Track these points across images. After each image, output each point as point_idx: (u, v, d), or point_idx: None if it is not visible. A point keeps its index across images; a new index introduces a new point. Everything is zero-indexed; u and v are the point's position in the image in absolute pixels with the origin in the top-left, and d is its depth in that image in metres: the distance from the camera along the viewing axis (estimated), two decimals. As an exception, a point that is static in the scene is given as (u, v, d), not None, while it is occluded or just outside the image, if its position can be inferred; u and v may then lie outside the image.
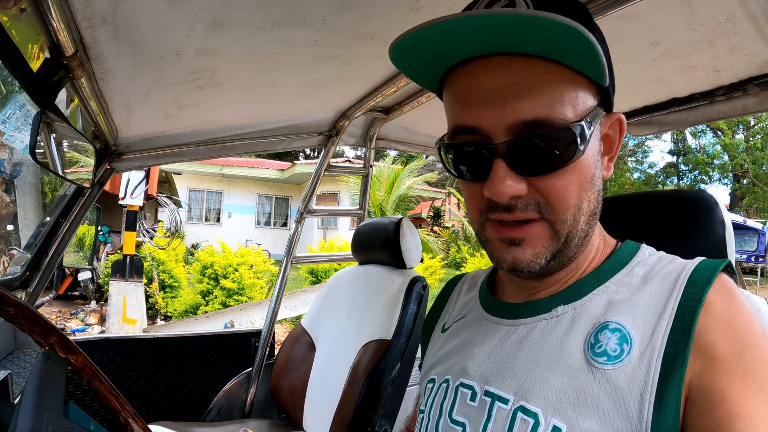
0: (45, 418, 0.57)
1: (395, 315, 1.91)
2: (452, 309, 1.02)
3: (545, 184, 0.68)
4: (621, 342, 0.66)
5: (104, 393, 0.78)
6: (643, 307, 0.68)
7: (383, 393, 1.83)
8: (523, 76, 0.65)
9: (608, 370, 0.64)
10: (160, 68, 1.38)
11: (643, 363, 0.63)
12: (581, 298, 0.74)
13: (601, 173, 0.73)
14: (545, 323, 0.75)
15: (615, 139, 0.76)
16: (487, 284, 0.94)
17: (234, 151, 2.26)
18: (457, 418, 0.77)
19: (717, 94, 1.65)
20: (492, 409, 0.72)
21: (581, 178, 0.69)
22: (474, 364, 0.79)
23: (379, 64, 1.60)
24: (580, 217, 0.70)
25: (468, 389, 0.78)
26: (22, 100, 1.36)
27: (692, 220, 0.90)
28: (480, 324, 0.86)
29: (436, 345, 0.97)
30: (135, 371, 2.37)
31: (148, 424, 1.11)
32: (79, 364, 0.73)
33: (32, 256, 1.92)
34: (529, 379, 0.71)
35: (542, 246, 0.70)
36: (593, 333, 0.69)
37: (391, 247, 2.08)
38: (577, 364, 0.68)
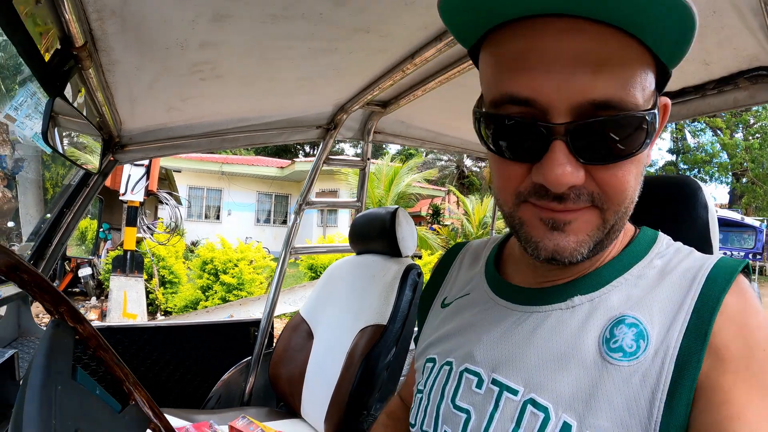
0: (54, 378, 0.61)
1: (391, 301, 1.95)
2: (453, 283, 0.96)
3: (605, 174, 0.60)
4: (637, 338, 0.63)
5: (109, 362, 0.82)
6: (660, 302, 0.65)
7: (379, 377, 1.87)
8: (599, 48, 0.55)
9: (623, 367, 0.62)
10: (164, 60, 1.43)
11: (657, 361, 0.60)
12: (599, 290, 0.70)
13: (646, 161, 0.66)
14: (560, 313, 0.71)
15: (659, 126, 0.65)
16: (494, 261, 0.89)
17: (234, 144, 2.31)
18: (461, 404, 0.74)
19: (708, 88, 1.65)
20: (500, 399, 0.70)
21: (639, 170, 0.63)
22: (481, 350, 0.76)
23: (376, 57, 1.63)
24: (630, 210, 0.65)
25: (474, 376, 0.75)
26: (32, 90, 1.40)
27: (677, 205, 0.91)
28: (487, 306, 0.82)
29: (435, 321, 0.93)
30: (136, 359, 2.42)
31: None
32: (87, 334, 0.77)
33: (36, 246, 1.96)
34: (541, 372, 0.68)
35: (587, 234, 0.63)
36: (609, 327, 0.66)
37: (387, 236, 2.12)
38: (591, 359, 0.65)
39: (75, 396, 0.65)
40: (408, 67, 1.64)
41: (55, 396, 0.59)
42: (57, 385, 0.61)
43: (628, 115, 0.57)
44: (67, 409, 0.61)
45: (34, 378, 0.59)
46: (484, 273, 0.88)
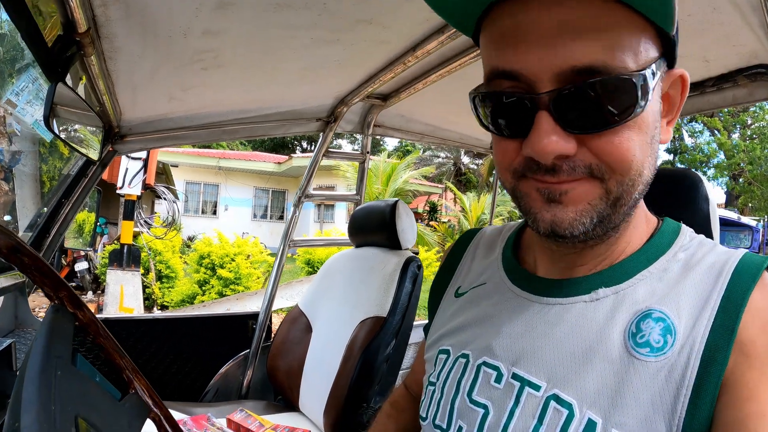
0: (54, 363, 0.60)
1: (390, 293, 1.95)
2: (467, 271, 0.93)
3: (600, 142, 0.58)
4: (665, 333, 0.61)
5: (109, 350, 0.81)
6: (686, 297, 0.63)
7: (378, 370, 1.87)
8: (579, 14, 0.55)
9: (650, 363, 0.60)
10: (167, 48, 1.42)
11: (683, 357, 0.59)
12: (624, 282, 0.68)
13: (658, 137, 0.63)
14: (584, 306, 0.69)
15: (676, 100, 0.66)
16: (512, 250, 0.86)
17: (234, 136, 2.30)
18: (478, 399, 0.72)
19: (707, 85, 1.66)
20: (521, 394, 0.68)
21: (643, 138, 0.60)
22: (501, 344, 0.73)
23: (378, 49, 1.63)
24: (639, 184, 0.62)
25: (493, 370, 0.72)
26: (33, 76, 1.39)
27: (678, 197, 0.90)
28: (506, 296, 0.79)
29: (448, 310, 0.90)
30: (133, 352, 2.40)
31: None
32: (86, 320, 0.76)
33: (34, 236, 1.95)
34: (564, 366, 0.66)
35: (588, 203, 0.61)
36: (635, 321, 0.64)
37: (387, 228, 2.12)
38: (616, 354, 0.63)
39: (75, 382, 0.64)
40: (409, 59, 1.63)
41: (55, 381, 0.58)
42: (57, 370, 0.60)
43: (611, 77, 0.55)
44: (67, 394, 0.60)
45: (34, 361, 0.58)
46: (501, 261, 0.86)
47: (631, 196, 0.62)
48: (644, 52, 0.57)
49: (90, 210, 8.86)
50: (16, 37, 1.09)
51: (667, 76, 0.63)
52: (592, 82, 0.55)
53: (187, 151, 17.87)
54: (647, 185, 0.64)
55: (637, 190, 0.62)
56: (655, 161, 0.63)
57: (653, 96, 0.59)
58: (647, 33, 0.57)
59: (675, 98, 0.66)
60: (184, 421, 1.94)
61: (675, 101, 0.66)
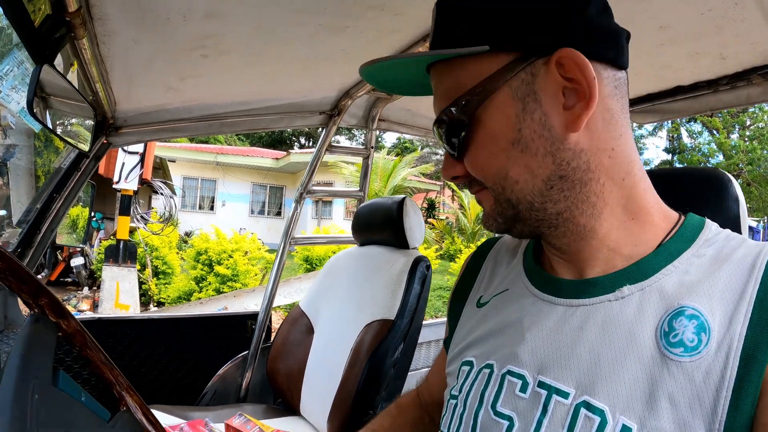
0: (31, 385, 0.52)
1: (398, 295, 1.87)
2: (488, 280, 0.92)
3: (466, 162, 0.71)
4: (698, 331, 0.59)
5: (97, 363, 0.72)
6: (719, 291, 0.61)
7: (386, 374, 1.79)
8: (435, 83, 0.72)
9: (685, 363, 0.58)
10: (165, 32, 1.32)
11: (720, 356, 0.57)
12: (649, 278, 0.66)
13: (549, 133, 0.65)
14: (609, 305, 0.67)
15: (580, 78, 0.63)
16: (533, 253, 0.85)
17: (234, 128, 2.22)
18: (503, 411, 0.69)
19: (721, 83, 1.62)
20: (548, 403, 0.65)
21: (490, 149, 0.67)
22: (526, 350, 0.71)
23: (388, 38, 1.54)
24: (512, 185, 0.67)
25: (518, 378, 0.70)
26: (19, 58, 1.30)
27: (706, 198, 0.87)
28: (529, 301, 0.77)
29: (470, 321, 0.87)
30: (128, 353, 2.32)
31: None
32: (71, 330, 0.67)
33: (24, 232, 1.86)
34: (594, 371, 0.63)
35: (490, 208, 0.72)
36: (666, 319, 0.62)
37: (393, 226, 2.04)
38: (649, 354, 0.61)
39: (56, 405, 0.56)
40: (420, 49, 1.55)
41: (32, 406, 0.50)
42: (34, 393, 0.51)
43: (440, 115, 0.71)
44: (47, 421, 0.51)
45: (6, 385, 0.50)
46: (523, 266, 0.84)
47: (520, 196, 0.68)
48: (476, 78, 0.66)
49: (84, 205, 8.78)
50: (0, 17, 1.00)
51: (546, 67, 0.65)
52: (438, 122, 0.72)
53: (185, 146, 17.81)
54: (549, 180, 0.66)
55: (521, 189, 0.67)
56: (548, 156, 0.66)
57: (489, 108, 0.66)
58: (476, 62, 0.66)
59: (577, 77, 0.63)
60: (181, 426, 1.87)
61: (579, 79, 0.63)
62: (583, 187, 0.67)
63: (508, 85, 0.65)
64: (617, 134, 0.67)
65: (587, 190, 0.67)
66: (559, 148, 0.65)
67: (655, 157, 29.54)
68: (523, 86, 0.65)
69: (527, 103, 0.65)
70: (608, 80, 0.67)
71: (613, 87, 0.67)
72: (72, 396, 0.60)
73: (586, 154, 0.66)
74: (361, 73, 0.73)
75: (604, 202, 0.68)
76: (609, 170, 0.67)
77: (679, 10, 1.25)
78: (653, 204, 0.71)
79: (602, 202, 0.68)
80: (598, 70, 0.64)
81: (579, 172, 0.66)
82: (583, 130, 0.64)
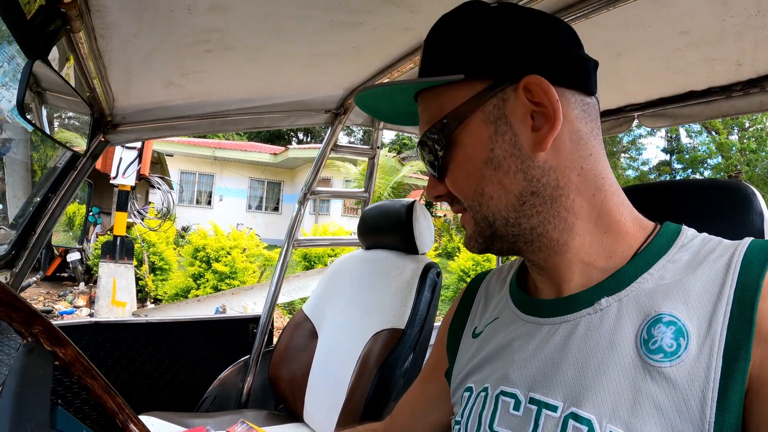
0: (28, 429, 0.45)
1: (408, 303, 1.81)
2: (481, 311, 0.95)
3: (447, 181, 0.75)
4: (677, 336, 0.60)
5: (98, 392, 0.66)
6: (696, 295, 0.62)
7: (395, 385, 1.74)
8: (420, 110, 0.78)
9: (665, 368, 0.59)
10: (167, 26, 1.25)
11: (702, 358, 0.58)
12: (625, 288, 0.68)
13: (519, 152, 0.70)
14: (589, 318, 0.69)
15: (545, 102, 0.68)
16: (516, 280, 0.88)
17: (236, 127, 2.15)
18: (499, 430, 0.71)
19: (735, 89, 1.63)
20: (539, 418, 0.67)
21: (466, 168, 0.72)
22: (515, 370, 0.74)
23: (401, 36, 1.49)
24: (488, 201, 0.72)
25: (511, 398, 0.72)
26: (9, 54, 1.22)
27: (729, 211, 0.85)
28: (516, 325, 0.80)
29: (468, 352, 0.90)
30: (126, 358, 2.26)
31: (139, 415, 0.99)
32: (69, 358, 0.61)
33: (19, 234, 1.79)
34: (579, 383, 0.65)
35: (471, 230, 0.77)
36: (645, 327, 0.64)
37: (402, 231, 1.97)
38: (630, 362, 0.63)
39: (54, 451, 0.49)
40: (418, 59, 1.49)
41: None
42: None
43: (422, 138, 0.76)
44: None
45: (0, 431, 0.43)
46: (509, 293, 0.88)
47: (492, 213, 0.72)
48: (451, 105, 0.72)
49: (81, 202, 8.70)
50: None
51: (515, 93, 0.69)
52: (420, 145, 0.77)
53: (183, 141, 17.71)
54: (521, 197, 0.70)
55: (495, 206, 0.72)
56: (513, 176, 0.70)
57: (465, 131, 0.71)
58: (452, 90, 0.72)
59: (543, 101, 0.68)
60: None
61: (545, 103, 0.68)
62: (553, 203, 0.71)
63: (481, 110, 0.70)
64: (586, 154, 0.71)
65: (558, 206, 0.71)
66: (529, 166, 0.69)
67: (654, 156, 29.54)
68: (495, 111, 0.70)
69: (499, 125, 0.70)
70: (575, 104, 0.71)
71: (581, 110, 0.71)
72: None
73: (555, 172, 0.70)
74: (355, 100, 0.78)
75: (575, 217, 0.71)
76: (578, 187, 0.71)
77: (700, 16, 1.23)
78: (627, 217, 0.73)
79: (573, 217, 0.71)
80: (564, 95, 0.69)
81: (549, 188, 0.70)
82: (550, 149, 0.69)
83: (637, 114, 1.99)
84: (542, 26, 0.72)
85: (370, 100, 0.81)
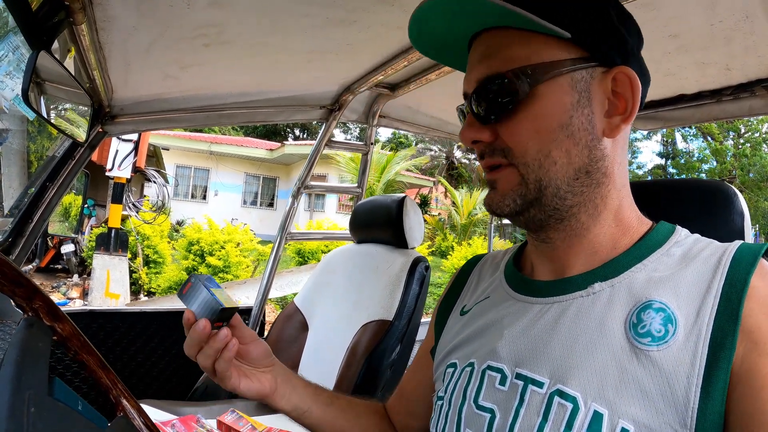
0: (26, 396, 0.49)
1: (397, 295, 1.85)
2: (472, 291, 0.97)
3: (503, 129, 0.73)
4: (665, 322, 0.63)
5: (93, 367, 0.69)
6: (686, 287, 0.66)
7: (382, 375, 1.77)
8: (488, 45, 0.74)
9: (653, 352, 0.62)
10: (166, 19, 1.28)
11: (689, 345, 0.61)
12: (619, 275, 0.72)
13: (592, 129, 0.72)
14: (581, 300, 0.72)
15: (627, 97, 0.72)
16: (513, 263, 0.91)
17: (232, 120, 2.18)
18: (485, 404, 0.73)
19: (725, 93, 1.65)
20: (525, 393, 0.69)
21: (539, 124, 0.71)
22: (504, 346, 0.76)
23: (395, 34, 1.51)
24: (550, 165, 0.71)
25: (497, 372, 0.74)
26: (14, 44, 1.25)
27: (711, 210, 0.89)
28: (508, 303, 0.83)
29: (454, 328, 0.92)
30: (119, 346, 2.29)
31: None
32: (67, 334, 0.64)
33: (16, 221, 1.82)
34: (567, 361, 0.68)
35: (510, 189, 0.74)
36: (635, 312, 0.67)
37: (392, 225, 2.01)
38: (618, 344, 0.65)
39: (52, 416, 0.52)
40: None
41: (28, 419, 0.47)
42: (30, 407, 0.48)
43: (493, 75, 0.72)
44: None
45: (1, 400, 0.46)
46: (504, 274, 0.91)
47: (550, 177, 0.71)
48: (538, 58, 0.70)
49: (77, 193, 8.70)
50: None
51: (603, 75, 0.72)
52: (484, 82, 0.73)
53: (179, 134, 17.68)
54: (578, 171, 0.72)
55: (554, 171, 0.71)
56: (586, 149, 0.72)
57: (550, 89, 0.70)
58: (542, 43, 0.70)
59: (625, 95, 0.72)
60: (173, 422, 1.83)
61: (626, 98, 0.72)
62: (597, 188, 0.74)
63: (571, 76, 0.70)
64: (625, 152, 0.77)
65: (599, 192, 0.74)
66: (596, 146, 0.72)
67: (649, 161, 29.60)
68: (582, 82, 0.71)
69: (582, 97, 0.71)
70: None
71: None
72: (68, 405, 0.56)
73: (609, 160, 0.73)
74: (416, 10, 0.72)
75: (604, 206, 0.75)
76: (616, 180, 0.75)
77: (689, 20, 1.26)
78: (633, 214, 0.78)
79: (603, 206, 0.75)
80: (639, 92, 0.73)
81: (600, 173, 0.73)
82: (614, 139, 0.73)
83: (629, 117, 2.02)
84: (634, 23, 0.77)
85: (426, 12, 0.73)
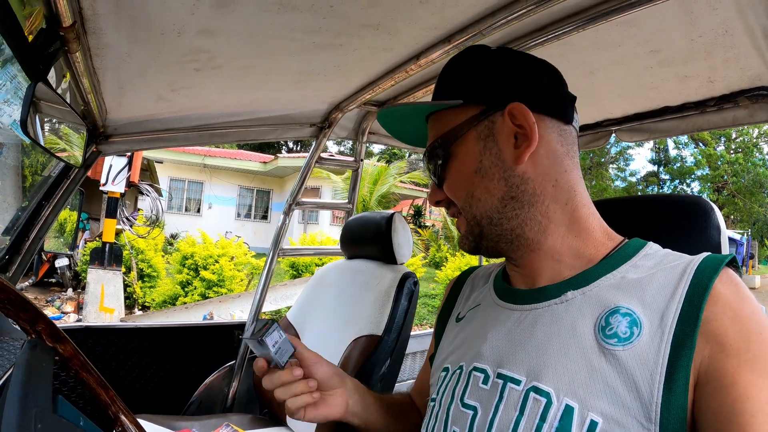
0: (33, 413, 0.52)
1: (386, 310, 1.88)
2: (465, 299, 1.07)
3: (445, 187, 0.91)
4: (631, 325, 0.70)
5: (93, 385, 0.73)
6: (652, 294, 0.72)
7: (373, 388, 1.76)
8: (429, 127, 0.94)
9: (618, 351, 0.69)
10: (158, 46, 1.33)
11: (653, 346, 0.67)
12: (590, 284, 0.79)
13: (502, 163, 0.84)
14: (556, 307, 0.80)
15: (525, 125, 0.82)
16: (502, 275, 0.99)
17: (224, 139, 2.22)
18: (469, 402, 0.81)
19: (709, 105, 1.69)
20: (504, 391, 0.76)
21: (460, 175, 0.88)
22: (488, 348, 0.84)
23: (380, 56, 1.56)
24: (476, 203, 0.86)
25: (481, 373, 0.82)
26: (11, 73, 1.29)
27: (688, 225, 0.93)
28: (493, 310, 0.92)
29: (450, 335, 1.02)
30: (115, 362, 2.31)
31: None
32: (68, 354, 0.68)
33: (12, 240, 1.85)
34: (541, 361, 0.75)
35: (464, 231, 0.90)
36: (604, 316, 0.74)
37: (382, 242, 2.04)
38: (588, 345, 0.72)
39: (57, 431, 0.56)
40: (412, 67, 1.57)
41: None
42: (37, 423, 0.52)
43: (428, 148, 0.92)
44: (47, 449, 0.52)
45: (9, 415, 0.50)
46: (493, 285, 1.00)
47: (483, 213, 0.86)
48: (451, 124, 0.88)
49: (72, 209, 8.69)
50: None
51: (501, 117, 0.85)
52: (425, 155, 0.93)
53: (172, 148, 17.64)
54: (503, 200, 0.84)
55: (483, 207, 0.86)
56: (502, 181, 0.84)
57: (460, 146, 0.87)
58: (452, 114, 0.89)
59: (524, 124, 0.83)
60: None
61: (525, 126, 0.82)
62: (530, 207, 0.84)
63: (475, 129, 0.86)
64: (561, 170, 0.85)
65: (534, 210, 0.84)
66: (510, 175, 0.84)
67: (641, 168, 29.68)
68: (485, 130, 0.85)
69: (487, 142, 0.85)
70: (553, 129, 0.85)
71: (558, 134, 0.85)
72: (71, 421, 0.60)
73: (533, 182, 0.84)
74: (378, 119, 0.92)
75: (549, 220, 0.84)
76: (553, 195, 0.84)
77: (669, 36, 1.30)
78: (595, 225, 0.86)
79: (547, 220, 0.84)
80: (543, 121, 0.84)
81: (527, 195, 0.83)
82: (528, 163, 0.83)
83: (614, 128, 2.07)
84: (528, 66, 0.88)
85: (390, 121, 1.01)
